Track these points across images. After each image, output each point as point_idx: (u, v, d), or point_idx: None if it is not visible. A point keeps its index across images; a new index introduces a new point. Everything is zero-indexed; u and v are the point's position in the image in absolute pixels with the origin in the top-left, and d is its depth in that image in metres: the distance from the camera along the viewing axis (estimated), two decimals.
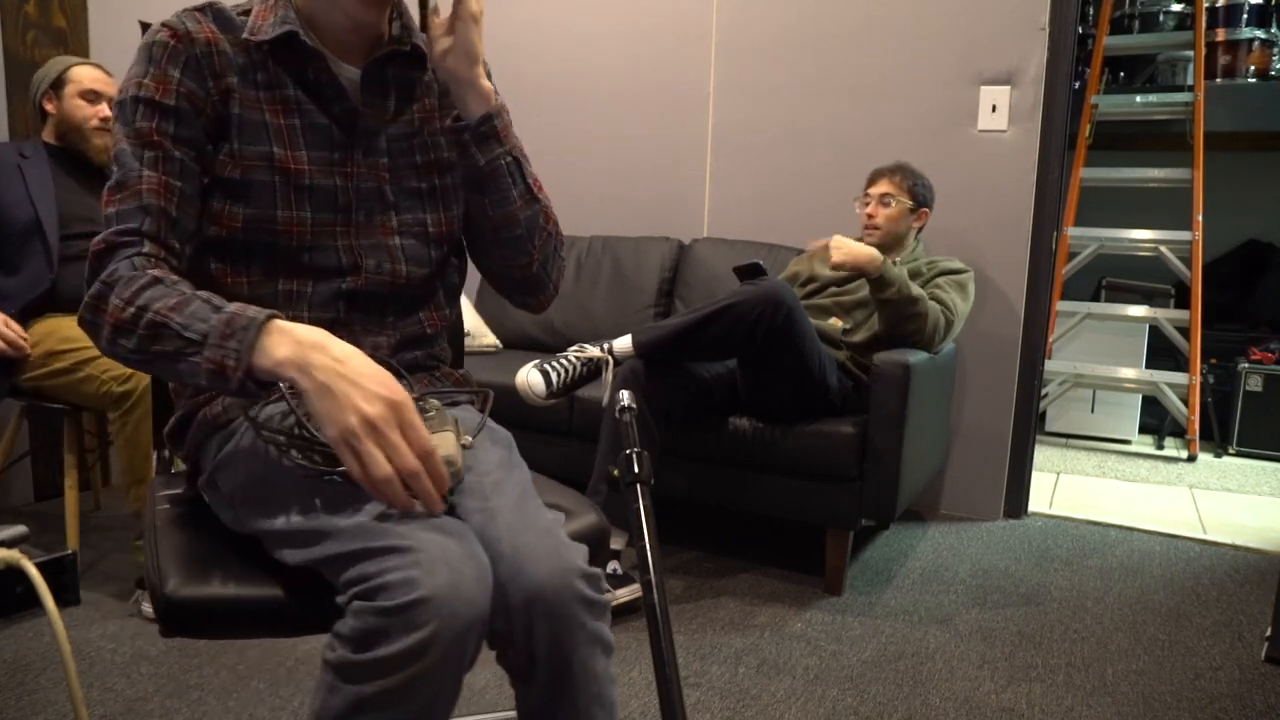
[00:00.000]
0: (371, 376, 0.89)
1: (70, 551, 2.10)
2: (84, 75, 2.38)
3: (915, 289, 2.29)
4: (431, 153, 1.20)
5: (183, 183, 1.06)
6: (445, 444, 0.96)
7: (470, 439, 1.04)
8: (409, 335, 1.21)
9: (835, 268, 2.29)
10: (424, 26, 1.12)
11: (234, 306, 0.94)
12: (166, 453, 1.34)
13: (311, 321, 1.10)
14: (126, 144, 1.05)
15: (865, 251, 2.26)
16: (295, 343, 0.90)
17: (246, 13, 1.13)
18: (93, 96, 2.38)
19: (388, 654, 0.82)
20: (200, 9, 1.11)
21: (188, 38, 1.07)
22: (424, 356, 1.24)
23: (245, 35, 1.10)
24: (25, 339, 2.19)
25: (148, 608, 2.05)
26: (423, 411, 1.02)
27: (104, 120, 2.39)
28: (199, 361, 0.92)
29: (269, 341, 0.91)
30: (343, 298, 1.14)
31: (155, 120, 1.05)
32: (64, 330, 2.21)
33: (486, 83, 1.14)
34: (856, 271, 2.29)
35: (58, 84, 2.37)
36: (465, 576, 0.86)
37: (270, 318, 0.93)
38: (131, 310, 0.95)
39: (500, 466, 1.08)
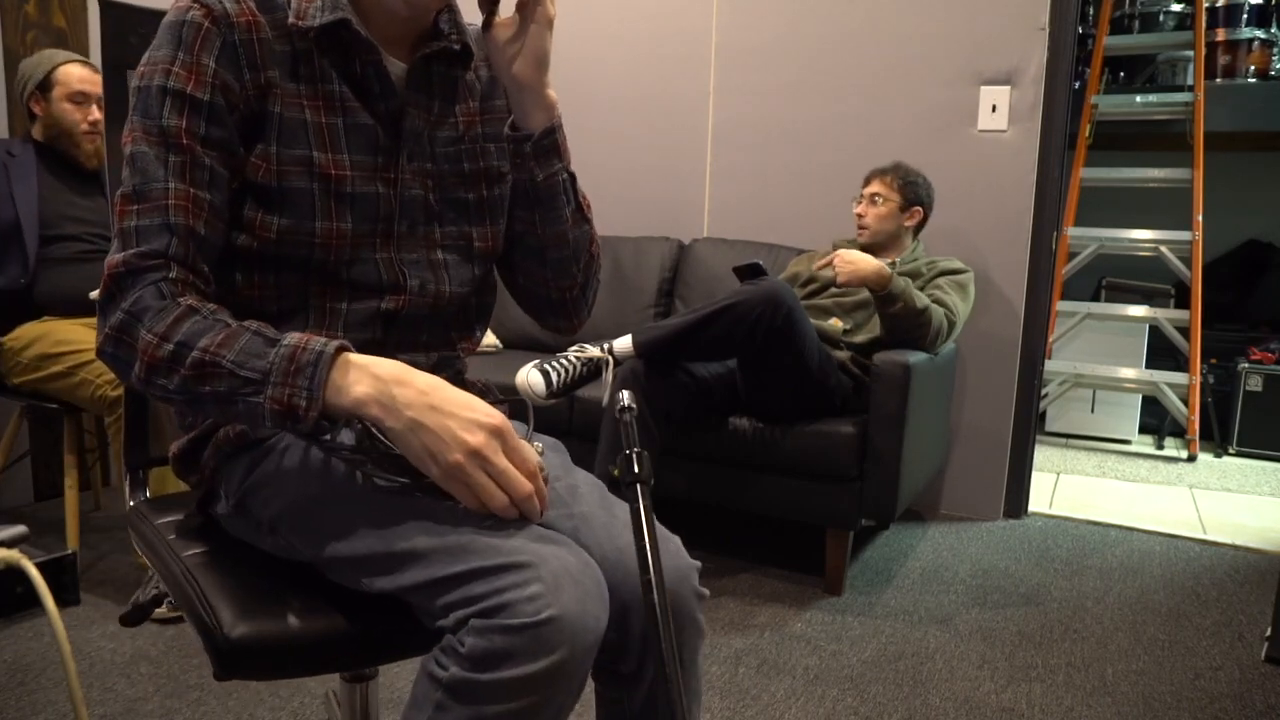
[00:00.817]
0: (464, 404, 0.85)
1: (70, 551, 2.10)
2: (71, 76, 2.34)
3: (921, 299, 2.29)
4: (480, 160, 1.10)
5: (211, 194, 0.92)
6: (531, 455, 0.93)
7: (541, 445, 0.98)
8: (443, 358, 1.12)
9: (841, 286, 2.29)
10: (487, 26, 1.03)
11: (293, 338, 0.85)
12: (141, 473, 1.21)
13: (347, 339, 1.00)
14: (148, 145, 0.91)
15: (870, 266, 2.25)
16: (374, 378, 0.84)
17: None
18: (81, 99, 2.34)
19: (515, 675, 0.77)
20: None
21: (225, 20, 0.93)
22: (452, 376, 1.13)
23: (291, 20, 0.97)
24: None
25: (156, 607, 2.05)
26: None
27: (93, 124, 2.35)
28: (260, 402, 0.83)
29: (343, 377, 0.84)
30: (382, 317, 1.03)
31: (185, 118, 0.91)
32: (59, 333, 2.21)
33: (552, 92, 1.05)
34: (862, 287, 2.29)
35: (44, 85, 2.33)
36: (589, 592, 0.83)
37: (340, 350, 0.85)
38: (170, 347, 0.85)
39: (567, 472, 1.04)
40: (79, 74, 2.35)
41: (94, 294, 0.98)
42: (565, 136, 1.09)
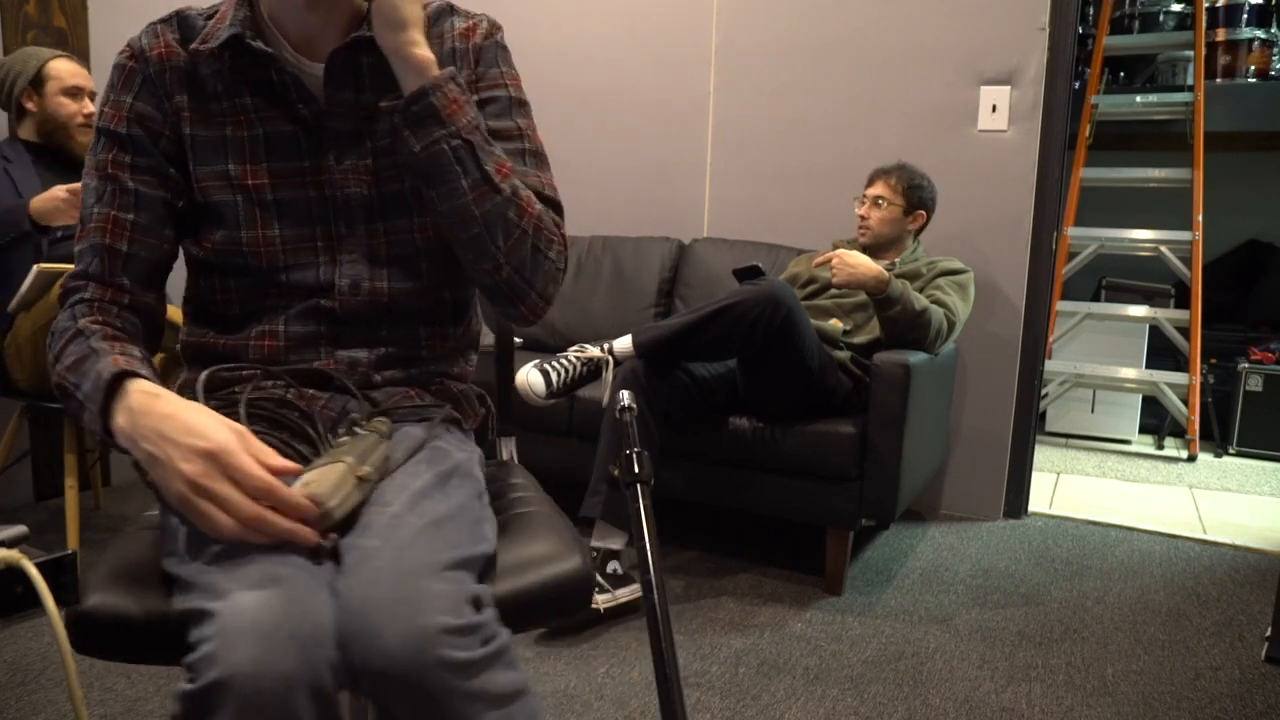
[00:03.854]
0: (189, 429, 0.82)
1: (70, 551, 2.09)
2: (64, 71, 2.36)
3: (919, 300, 2.28)
4: None
5: (136, 214, 1.02)
6: (322, 479, 0.85)
7: (369, 469, 0.91)
8: (400, 354, 1.10)
9: (838, 288, 2.29)
10: None
11: (101, 364, 0.89)
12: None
13: (288, 336, 1.05)
14: (89, 178, 1.03)
15: (869, 271, 2.24)
16: (127, 410, 0.86)
17: (212, 16, 1.05)
18: (75, 93, 2.37)
19: None
20: (167, 19, 1.05)
21: (142, 57, 1.03)
22: (421, 375, 1.12)
23: (194, 45, 1.03)
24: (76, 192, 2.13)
25: None
26: (346, 433, 0.95)
27: (88, 117, 2.38)
28: (88, 421, 0.90)
29: (113, 407, 0.87)
30: (322, 314, 1.06)
31: (112, 151, 1.02)
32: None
33: (420, 51, 0.99)
34: (860, 289, 2.29)
35: (37, 80, 2.34)
36: (276, 646, 0.73)
37: (117, 378, 0.87)
38: (57, 368, 0.95)
39: (417, 495, 0.91)
40: (71, 69, 2.37)
41: None
42: (457, 99, 0.99)
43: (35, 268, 2.12)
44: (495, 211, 1.01)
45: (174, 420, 0.84)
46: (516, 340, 3.26)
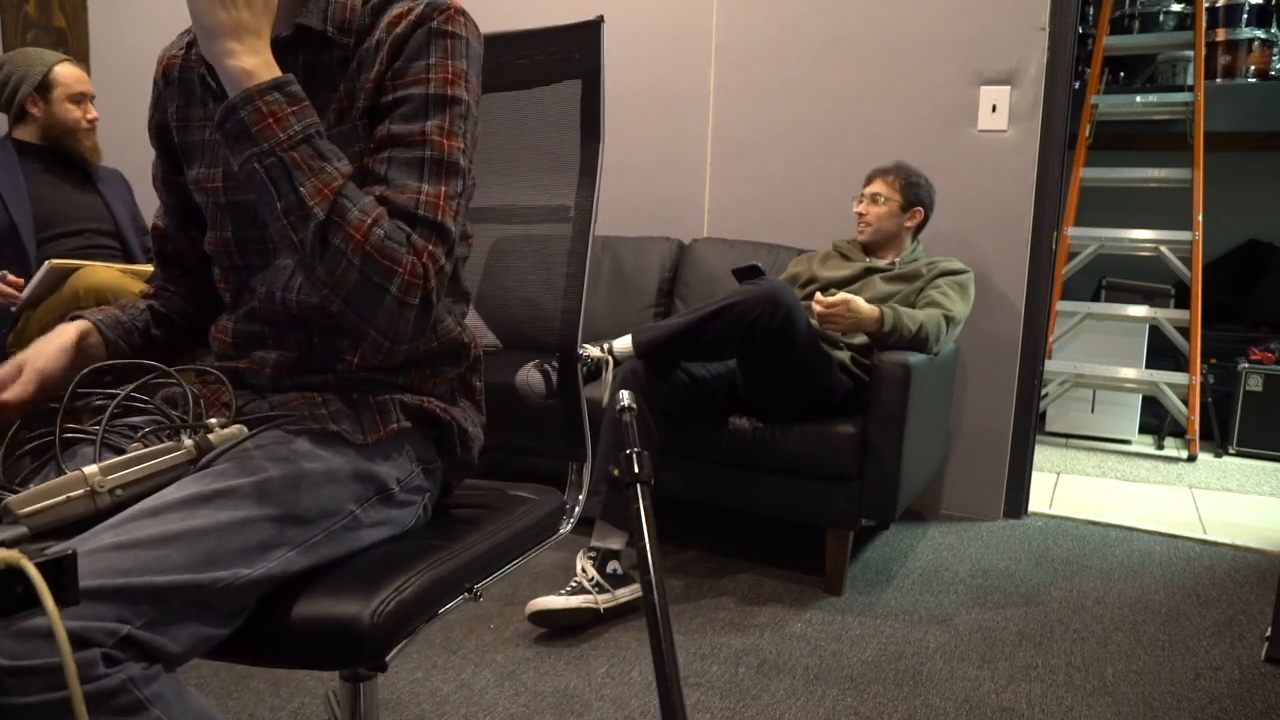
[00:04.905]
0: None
1: (70, 551, 2.09)
2: (70, 78, 2.40)
3: (913, 321, 2.28)
4: (350, 145, 0.99)
5: (167, 221, 1.16)
6: (48, 485, 0.80)
7: (112, 479, 0.84)
8: (319, 361, 1.04)
9: (840, 331, 2.31)
10: None
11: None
12: None
13: (235, 334, 1.08)
14: None
15: (865, 314, 2.24)
16: None
17: None
18: (80, 98, 2.41)
19: None
20: (189, 28, 1.06)
21: (159, 67, 1.10)
22: (340, 381, 1.04)
23: (172, 52, 1.08)
24: (18, 285, 2.15)
25: None
26: (144, 440, 0.90)
27: (91, 122, 2.44)
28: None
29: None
30: (258, 317, 1.06)
31: (153, 163, 1.13)
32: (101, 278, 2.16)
33: (235, 62, 0.89)
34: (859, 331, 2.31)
35: (43, 86, 2.37)
36: None
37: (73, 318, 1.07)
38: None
39: (157, 508, 0.83)
40: (75, 74, 2.42)
41: None
42: (275, 110, 0.90)
43: (47, 263, 2.12)
44: (311, 237, 0.90)
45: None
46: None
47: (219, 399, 1.02)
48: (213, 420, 0.94)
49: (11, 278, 2.16)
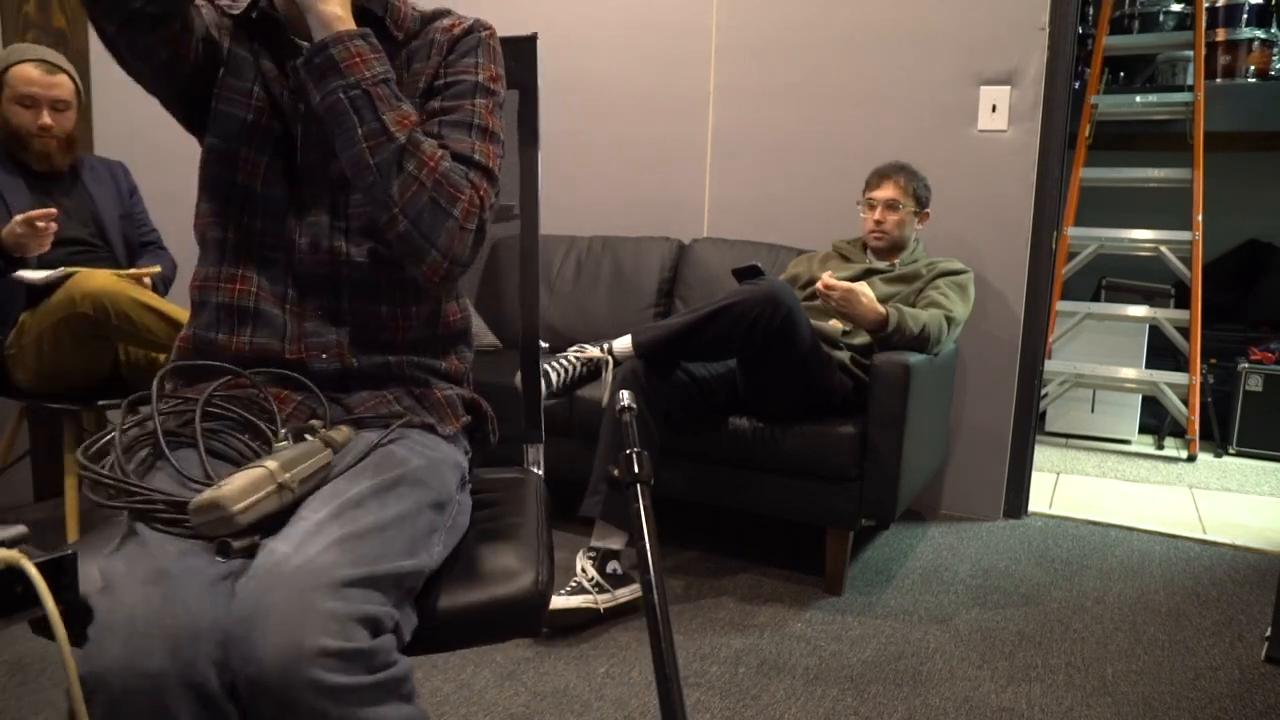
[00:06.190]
0: None
1: (70, 551, 2.09)
2: (20, 78, 2.20)
3: (916, 321, 2.27)
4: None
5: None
6: (236, 481, 0.83)
7: (290, 476, 0.88)
8: (369, 338, 1.10)
9: (838, 315, 2.31)
10: None
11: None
12: None
13: (258, 296, 1.09)
14: None
15: (870, 313, 2.23)
16: None
17: None
18: (30, 102, 2.21)
19: None
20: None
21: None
22: (399, 366, 1.11)
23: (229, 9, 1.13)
24: (49, 214, 2.05)
25: None
26: (288, 439, 0.94)
27: (43, 129, 2.23)
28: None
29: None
30: (291, 275, 1.09)
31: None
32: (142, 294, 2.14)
33: (329, 7, 1.01)
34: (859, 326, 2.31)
35: None
36: (146, 644, 0.73)
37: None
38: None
39: (348, 503, 0.88)
40: (26, 76, 2.21)
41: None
42: (363, 53, 1.01)
43: (62, 270, 2.12)
44: (389, 160, 1.00)
45: None
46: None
47: (286, 402, 1.07)
48: (315, 421, 1.03)
49: (43, 211, 2.04)
